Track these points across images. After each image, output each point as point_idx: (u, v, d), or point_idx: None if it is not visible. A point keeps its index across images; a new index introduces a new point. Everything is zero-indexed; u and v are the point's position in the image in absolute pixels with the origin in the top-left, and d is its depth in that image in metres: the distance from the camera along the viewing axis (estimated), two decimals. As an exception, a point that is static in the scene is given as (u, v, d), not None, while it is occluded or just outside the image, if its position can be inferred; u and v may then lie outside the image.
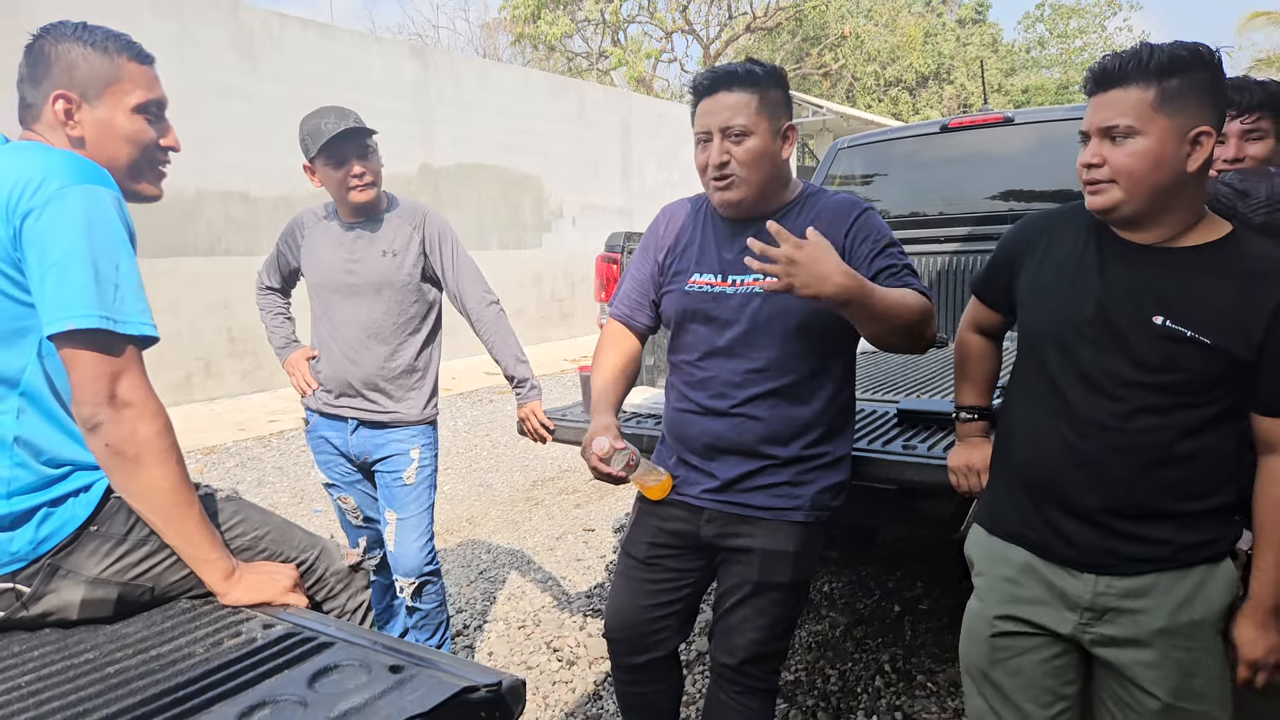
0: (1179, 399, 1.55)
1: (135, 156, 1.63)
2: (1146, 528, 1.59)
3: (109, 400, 1.39)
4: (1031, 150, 4.44)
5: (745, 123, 1.92)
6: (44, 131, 1.57)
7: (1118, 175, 1.53)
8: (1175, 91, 1.49)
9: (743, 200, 1.99)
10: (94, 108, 1.57)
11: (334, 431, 2.86)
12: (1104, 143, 1.55)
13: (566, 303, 13.87)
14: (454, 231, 2.90)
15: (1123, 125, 1.51)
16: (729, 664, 2.08)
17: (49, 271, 1.37)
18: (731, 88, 1.94)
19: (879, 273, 1.93)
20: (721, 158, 1.94)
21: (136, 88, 1.61)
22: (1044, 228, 1.79)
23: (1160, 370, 1.55)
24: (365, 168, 2.67)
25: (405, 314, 2.79)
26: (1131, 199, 1.54)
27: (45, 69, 1.56)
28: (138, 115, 1.61)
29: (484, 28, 30.15)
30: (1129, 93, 1.51)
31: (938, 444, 2.36)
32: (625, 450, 1.98)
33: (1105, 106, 1.54)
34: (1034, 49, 35.96)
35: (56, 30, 1.58)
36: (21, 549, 1.43)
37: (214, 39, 8.77)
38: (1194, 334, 1.52)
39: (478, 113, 12.04)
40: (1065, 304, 1.65)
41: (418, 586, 2.84)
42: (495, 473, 6.32)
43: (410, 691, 1.16)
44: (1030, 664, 1.73)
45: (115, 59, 1.59)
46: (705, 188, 2.04)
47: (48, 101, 1.55)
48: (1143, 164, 1.51)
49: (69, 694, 1.22)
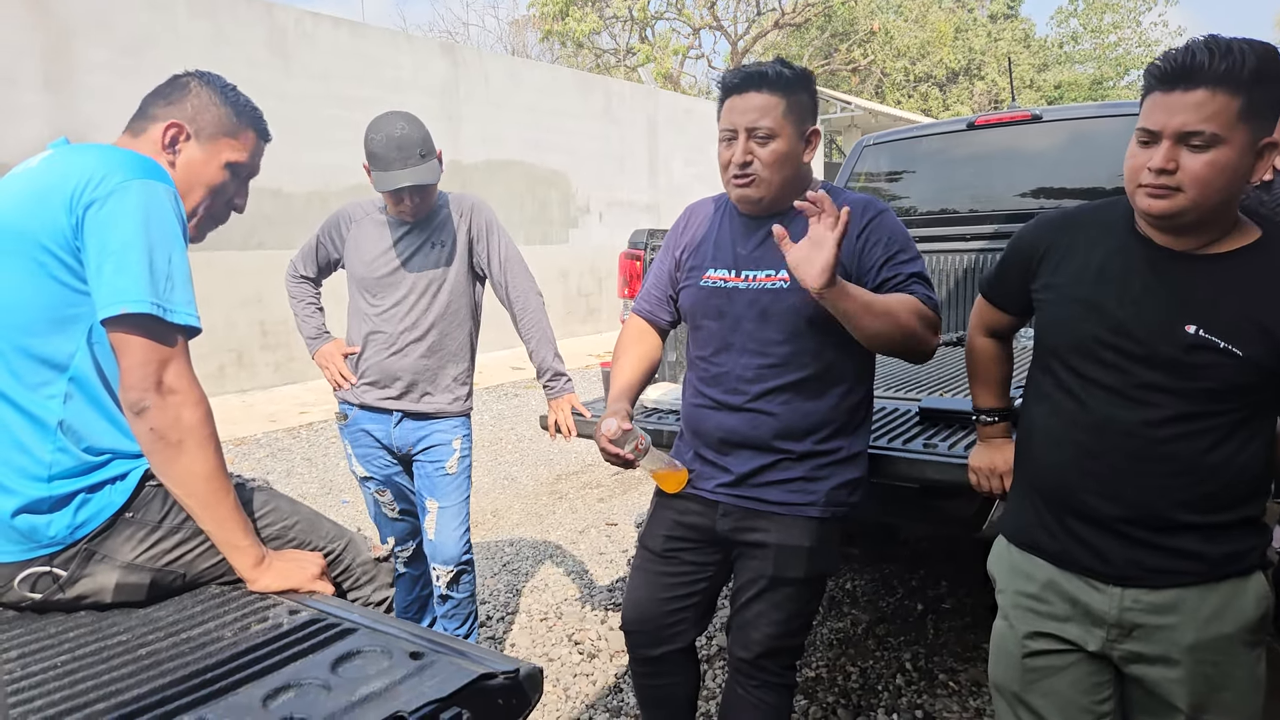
0: (1206, 407, 1.49)
1: (206, 202, 1.73)
2: (1170, 538, 1.54)
3: (156, 386, 1.43)
4: (1060, 148, 4.38)
5: (771, 125, 1.93)
6: (140, 146, 1.66)
7: (1190, 184, 1.42)
8: (1261, 102, 1.39)
9: (761, 199, 2.00)
10: (198, 147, 1.69)
11: (376, 424, 2.90)
12: (1178, 148, 1.42)
13: (593, 298, 13.91)
14: (500, 222, 2.93)
15: (1208, 133, 1.39)
16: (745, 658, 2.10)
17: (107, 259, 1.42)
18: (761, 89, 1.94)
19: (885, 282, 1.95)
20: (745, 157, 1.95)
21: (242, 151, 1.75)
22: (1063, 228, 1.71)
23: (1188, 379, 1.48)
24: (414, 201, 2.71)
25: (451, 307, 2.83)
26: (1196, 208, 1.44)
27: (180, 97, 1.69)
28: (226, 170, 1.73)
29: (513, 25, 30.22)
30: (1216, 97, 1.38)
31: (959, 443, 2.36)
32: (633, 433, 2.01)
33: (1186, 109, 1.40)
34: (1067, 44, 35.43)
35: (209, 76, 1.74)
36: (59, 533, 1.47)
37: (248, 38, 8.90)
38: (1227, 345, 1.45)
39: (506, 110, 12.11)
40: (1090, 309, 1.58)
41: (454, 575, 2.90)
42: (520, 466, 6.37)
43: (430, 677, 1.19)
44: (1064, 684, 1.67)
45: (241, 121, 1.74)
46: (724, 184, 2.05)
47: (162, 124, 1.66)
48: (1221, 176, 1.41)
49: (103, 674, 1.26)
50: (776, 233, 1.75)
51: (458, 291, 2.84)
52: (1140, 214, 1.53)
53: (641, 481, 5.81)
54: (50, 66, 7.51)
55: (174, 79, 1.71)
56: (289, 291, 3.08)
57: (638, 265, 3.58)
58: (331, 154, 9.47)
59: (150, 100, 1.70)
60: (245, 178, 1.79)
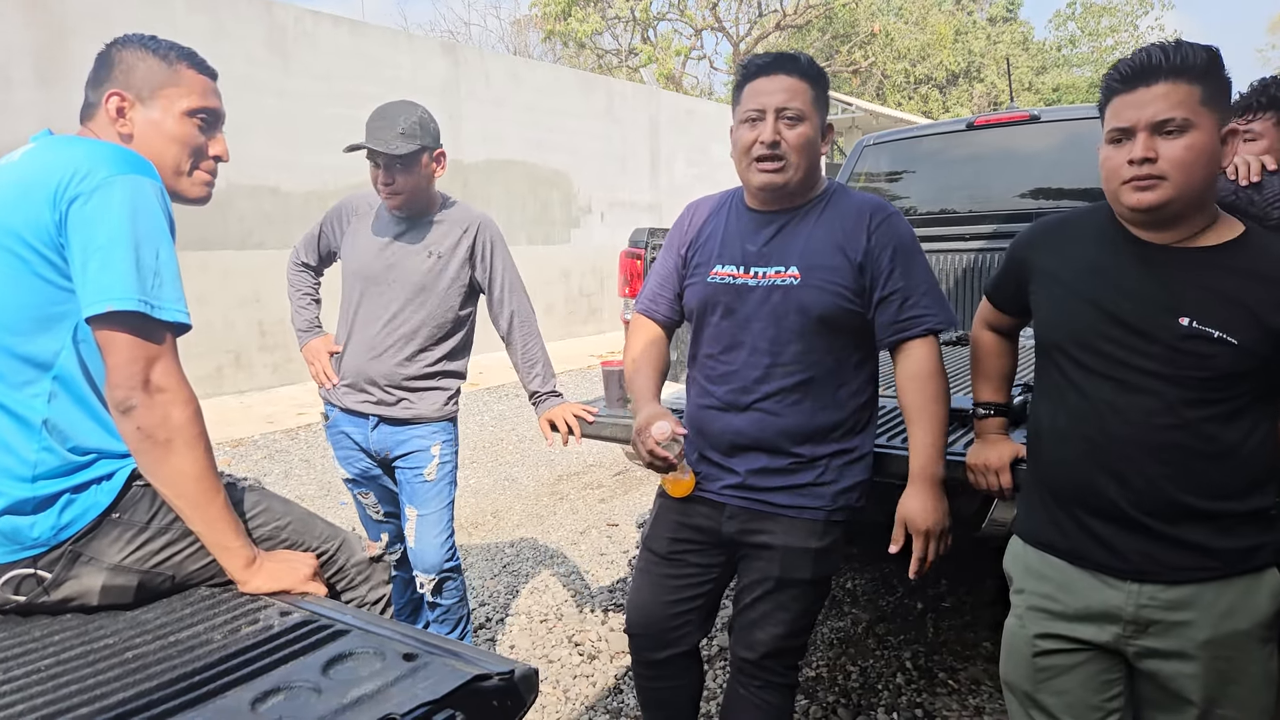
0: (1206, 394, 1.52)
1: (180, 158, 1.67)
2: (1182, 529, 1.56)
3: (143, 384, 1.41)
4: (1058, 148, 4.39)
5: (801, 107, 1.93)
6: (97, 129, 1.63)
7: (1172, 170, 1.49)
8: (1215, 91, 1.49)
9: (787, 184, 1.97)
10: (146, 108, 1.64)
11: (354, 428, 2.84)
12: (1154, 138, 1.50)
13: (594, 298, 13.90)
14: (506, 245, 2.86)
15: (1179, 118, 1.47)
16: (749, 659, 2.08)
17: (92, 255, 1.40)
18: (791, 72, 1.93)
19: (892, 294, 1.96)
20: (774, 136, 1.92)
21: (191, 93, 1.67)
22: (1057, 231, 1.77)
23: (1186, 368, 1.52)
24: (395, 178, 2.63)
25: (439, 319, 2.76)
26: (1181, 195, 1.50)
27: (107, 71, 1.64)
28: (188, 119, 1.67)
29: (515, 24, 30.29)
30: (1178, 87, 1.48)
31: (959, 440, 2.34)
32: (683, 438, 1.98)
33: (1155, 100, 1.49)
34: (1065, 47, 35.57)
35: (124, 39, 1.67)
36: (44, 534, 1.45)
37: (247, 34, 8.87)
38: (1221, 334, 1.50)
39: (507, 109, 12.09)
40: (1086, 305, 1.63)
41: (437, 583, 2.83)
42: (520, 467, 6.35)
43: (423, 679, 1.17)
44: (1075, 683, 1.69)
45: (174, 65, 1.66)
46: (743, 171, 2.01)
47: (103, 100, 1.62)
48: (1199, 158, 1.48)
49: (88, 678, 1.24)
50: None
51: (446, 303, 2.76)
52: (1126, 210, 1.58)
53: (642, 482, 5.79)
54: (46, 62, 7.48)
55: (98, 59, 1.66)
56: (289, 279, 3.03)
57: (638, 264, 3.56)
58: (331, 153, 9.30)
59: (88, 86, 1.66)
60: (213, 123, 1.72)
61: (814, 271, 1.96)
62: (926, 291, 1.98)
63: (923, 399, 1.95)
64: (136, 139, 1.62)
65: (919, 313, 1.96)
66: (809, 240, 1.99)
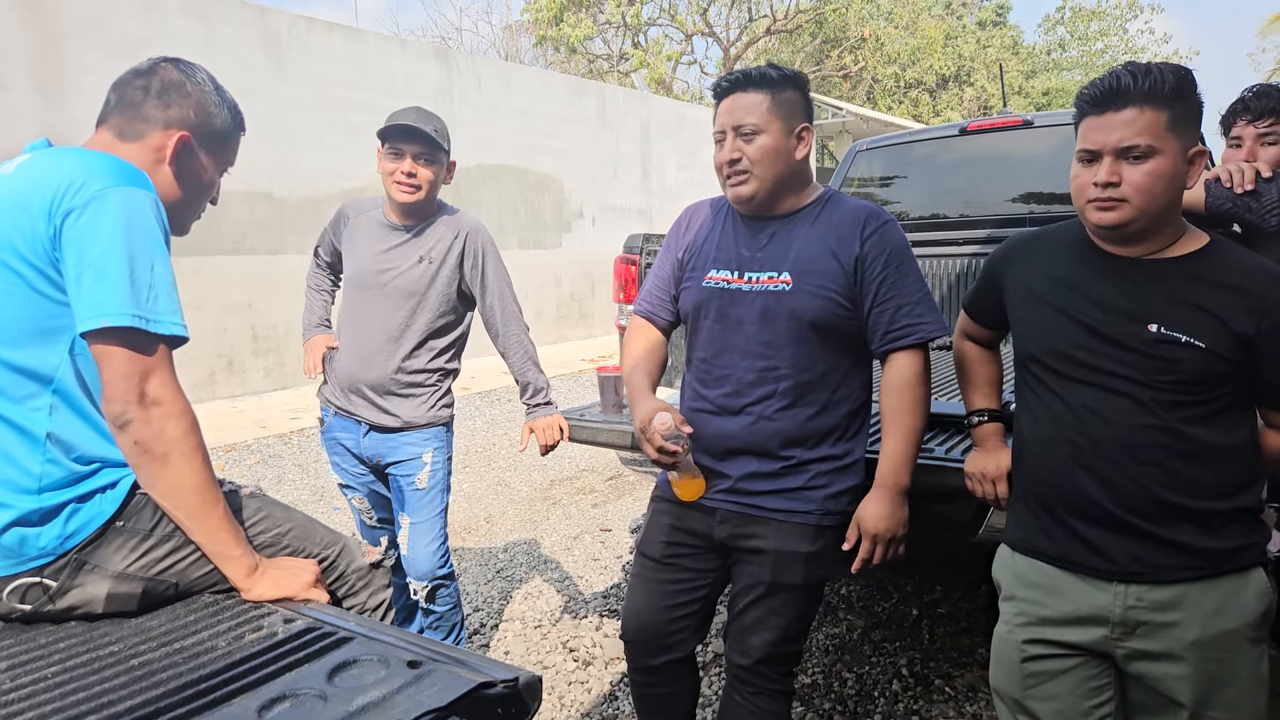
0: (1180, 396, 1.57)
1: (199, 204, 1.75)
2: (1167, 529, 1.59)
3: (139, 398, 1.41)
4: (1051, 153, 4.41)
5: (756, 121, 1.98)
6: (133, 151, 1.60)
7: (1134, 194, 1.55)
8: (1184, 114, 1.55)
9: (755, 195, 2.02)
10: (201, 156, 1.69)
11: (347, 433, 2.85)
12: (1119, 163, 1.56)
13: (586, 303, 13.90)
14: (497, 251, 2.86)
15: (1143, 145, 1.54)
16: (743, 665, 2.09)
17: (86, 270, 1.40)
18: (746, 89, 2.00)
19: (885, 302, 1.99)
20: (733, 154, 2.00)
21: (234, 151, 1.77)
22: (1030, 246, 1.84)
23: (1159, 372, 1.58)
24: (418, 170, 2.65)
25: (431, 325, 2.76)
26: (1142, 216, 1.57)
27: (179, 100, 1.64)
28: (219, 172, 1.75)
29: (506, 30, 30.20)
30: (1145, 113, 1.54)
31: (955, 447, 2.36)
32: (686, 430, 1.99)
33: (1121, 126, 1.55)
34: (1054, 51, 35.63)
35: (192, 69, 1.68)
36: (49, 544, 1.45)
37: (240, 40, 8.87)
38: (1188, 339, 1.56)
39: (499, 114, 12.10)
40: (1059, 318, 1.69)
41: (431, 590, 2.83)
42: (513, 472, 6.35)
43: (428, 686, 1.18)
44: (1064, 688, 1.70)
45: (235, 129, 1.74)
46: (721, 186, 2.09)
47: (167, 131, 1.62)
48: (1160, 183, 1.55)
49: (94, 685, 1.24)
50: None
51: (439, 310, 2.76)
52: (1092, 227, 1.66)
53: (636, 486, 5.79)
54: (41, 68, 7.47)
55: (155, 73, 1.61)
56: (308, 277, 3.05)
57: (633, 270, 3.57)
58: (324, 159, 9.46)
59: (137, 94, 1.61)
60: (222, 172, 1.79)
61: (806, 277, 1.99)
62: (920, 300, 2.01)
63: (900, 406, 1.99)
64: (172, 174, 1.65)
65: (912, 321, 1.99)
66: (803, 246, 2.02)
